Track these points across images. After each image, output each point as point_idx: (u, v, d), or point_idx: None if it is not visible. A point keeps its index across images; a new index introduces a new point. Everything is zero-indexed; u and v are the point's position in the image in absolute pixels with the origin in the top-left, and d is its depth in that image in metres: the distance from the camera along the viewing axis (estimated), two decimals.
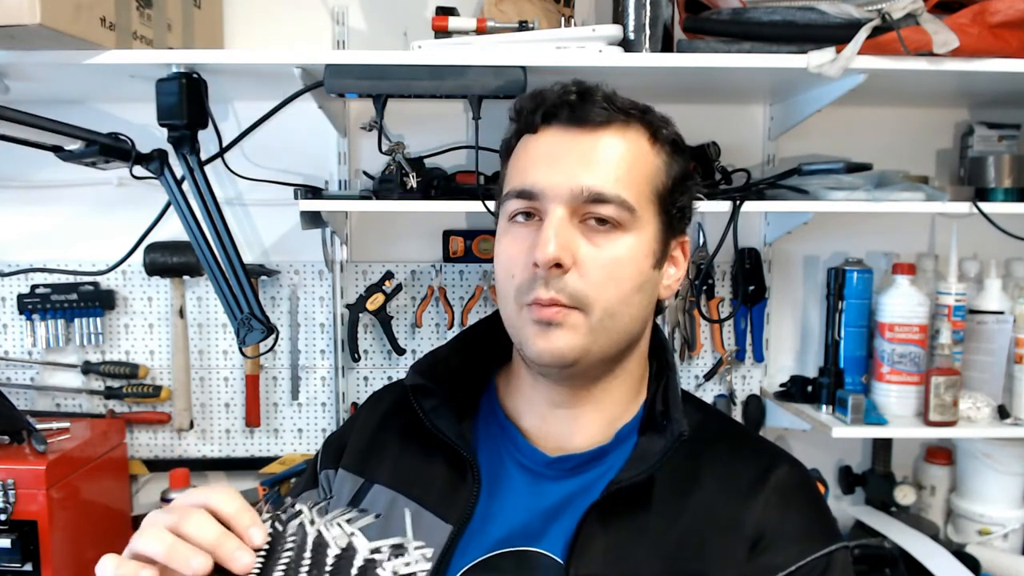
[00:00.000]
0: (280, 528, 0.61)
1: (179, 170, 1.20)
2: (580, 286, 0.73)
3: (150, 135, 1.25)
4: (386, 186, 1.36)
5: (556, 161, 0.74)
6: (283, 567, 0.59)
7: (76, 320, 1.56)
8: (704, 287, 1.62)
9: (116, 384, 1.58)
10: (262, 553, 0.59)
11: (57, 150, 1.15)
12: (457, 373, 0.87)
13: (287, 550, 0.60)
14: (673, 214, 0.79)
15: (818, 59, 1.20)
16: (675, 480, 0.78)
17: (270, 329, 1.19)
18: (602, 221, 0.74)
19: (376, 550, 0.59)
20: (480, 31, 1.30)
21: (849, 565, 0.79)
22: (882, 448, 1.63)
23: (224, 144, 1.33)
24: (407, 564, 0.57)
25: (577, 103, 0.75)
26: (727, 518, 0.76)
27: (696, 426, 0.79)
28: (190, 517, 0.59)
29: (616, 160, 0.74)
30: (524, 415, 0.84)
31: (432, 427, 0.82)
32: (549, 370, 0.77)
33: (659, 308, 0.85)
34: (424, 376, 0.85)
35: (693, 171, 1.43)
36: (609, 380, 0.81)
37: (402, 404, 0.88)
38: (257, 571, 0.58)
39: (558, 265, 0.72)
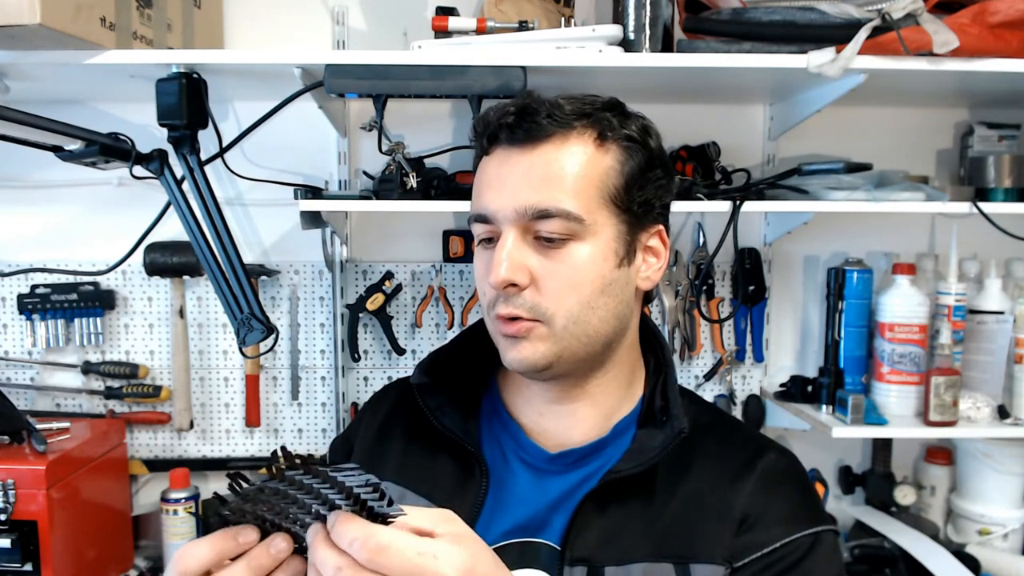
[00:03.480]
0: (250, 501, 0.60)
1: (179, 170, 1.20)
2: (538, 300, 0.75)
3: (150, 135, 1.25)
4: (386, 186, 1.36)
5: (501, 183, 0.76)
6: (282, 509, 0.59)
7: (76, 320, 1.56)
8: (704, 287, 1.62)
9: (116, 384, 1.58)
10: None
11: (57, 150, 1.15)
12: (460, 372, 0.88)
13: (272, 504, 0.59)
14: (635, 210, 0.78)
15: (818, 59, 1.20)
16: (668, 470, 0.81)
17: (270, 329, 1.19)
18: (551, 237, 0.75)
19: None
20: (480, 31, 1.30)
21: (837, 547, 0.82)
22: (882, 448, 1.63)
23: (224, 144, 1.33)
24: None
25: (514, 123, 0.76)
26: (716, 503, 0.79)
27: (691, 419, 0.81)
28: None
29: (557, 173, 0.75)
30: (524, 412, 0.86)
31: (438, 425, 0.84)
32: (526, 376, 0.80)
33: (647, 298, 0.87)
34: (429, 375, 0.86)
35: (688, 170, 1.47)
36: (599, 376, 0.82)
37: (404, 403, 0.90)
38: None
39: (514, 285, 0.74)
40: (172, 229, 1.32)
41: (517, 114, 0.76)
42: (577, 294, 0.75)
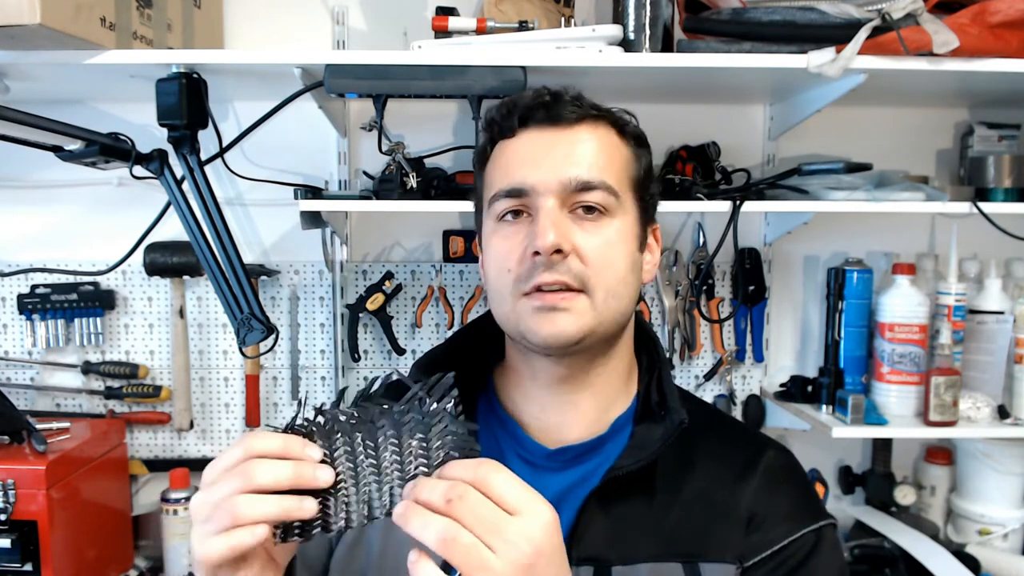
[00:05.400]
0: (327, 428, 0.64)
1: (179, 170, 1.20)
2: (582, 269, 0.76)
3: (150, 135, 1.25)
4: (386, 186, 1.36)
5: (540, 158, 0.78)
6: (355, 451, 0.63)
7: (76, 320, 1.56)
8: (704, 287, 1.62)
9: (116, 384, 1.58)
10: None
11: (57, 150, 1.15)
12: (456, 371, 0.87)
13: (347, 442, 0.63)
14: (647, 201, 0.83)
15: (818, 59, 1.20)
16: (670, 467, 0.81)
17: (270, 329, 1.19)
18: (590, 209, 0.77)
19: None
20: (480, 31, 1.30)
21: (838, 540, 0.84)
22: (882, 448, 1.63)
23: (224, 144, 1.33)
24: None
25: (551, 103, 0.79)
26: (721, 502, 0.80)
27: (687, 416, 0.81)
28: (255, 469, 0.61)
29: (595, 151, 0.79)
30: (523, 409, 0.86)
31: None
32: (553, 351, 0.79)
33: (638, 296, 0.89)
34: (426, 373, 0.86)
35: (688, 170, 1.47)
36: (603, 364, 0.83)
37: None
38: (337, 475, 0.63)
39: (559, 251, 0.75)
40: (172, 229, 1.32)
41: (553, 96, 0.80)
42: (614, 268, 0.77)
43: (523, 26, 1.30)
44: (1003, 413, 1.44)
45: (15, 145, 1.12)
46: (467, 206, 1.32)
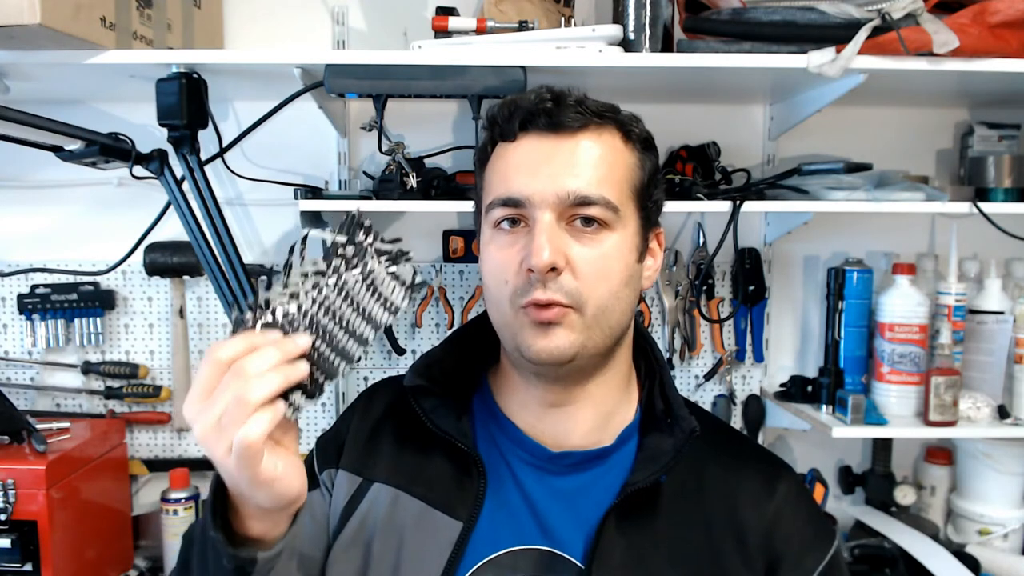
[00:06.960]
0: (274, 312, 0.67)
1: (179, 170, 1.20)
2: (575, 285, 0.75)
3: (150, 135, 1.25)
4: (386, 186, 1.36)
5: (539, 168, 0.76)
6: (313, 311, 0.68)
7: (76, 320, 1.56)
8: (704, 287, 1.62)
9: (116, 384, 1.58)
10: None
11: (57, 150, 1.15)
12: (451, 373, 0.87)
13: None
14: (649, 208, 0.81)
15: (818, 59, 1.20)
16: (681, 483, 0.80)
17: None
18: (588, 222, 0.76)
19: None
20: (480, 31, 1.30)
21: (842, 551, 0.86)
22: (882, 448, 1.63)
23: (224, 144, 1.33)
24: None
25: (553, 109, 0.76)
26: (740, 525, 0.79)
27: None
28: (246, 366, 0.62)
29: (596, 162, 0.76)
30: (518, 414, 0.85)
31: (433, 426, 0.83)
32: (546, 368, 0.78)
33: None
34: (422, 377, 0.85)
35: (688, 170, 1.47)
36: (601, 376, 0.82)
37: (396, 405, 0.89)
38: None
39: (553, 269, 0.74)
40: (172, 229, 1.32)
41: (555, 101, 0.77)
42: (608, 283, 0.76)
43: (523, 26, 1.30)
44: (1003, 413, 1.44)
45: (15, 145, 1.12)
46: (467, 206, 1.32)
